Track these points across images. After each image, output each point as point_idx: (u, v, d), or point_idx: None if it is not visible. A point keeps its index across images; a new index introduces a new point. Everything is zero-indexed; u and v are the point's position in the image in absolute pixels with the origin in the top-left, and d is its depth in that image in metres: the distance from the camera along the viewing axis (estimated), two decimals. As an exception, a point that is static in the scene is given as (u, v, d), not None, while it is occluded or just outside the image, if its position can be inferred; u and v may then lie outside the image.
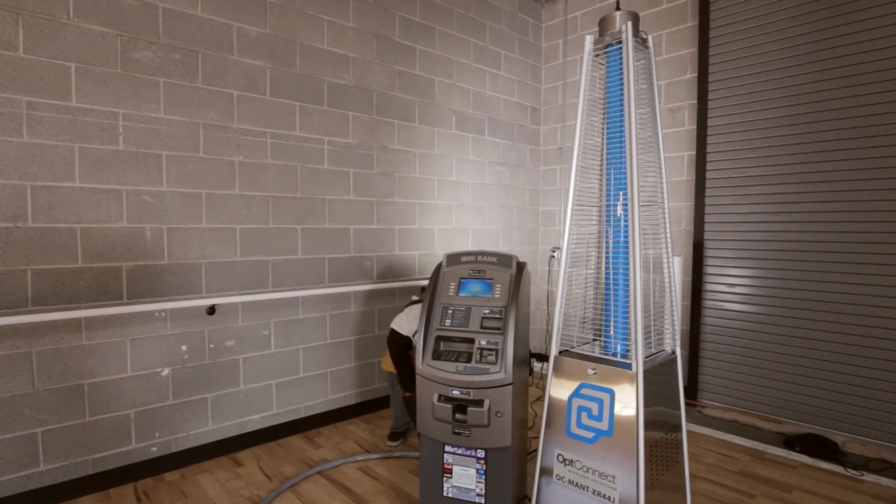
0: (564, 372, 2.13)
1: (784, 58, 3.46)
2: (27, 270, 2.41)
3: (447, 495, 2.20)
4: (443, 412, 2.14)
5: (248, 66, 3.06)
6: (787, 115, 3.46)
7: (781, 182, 3.49)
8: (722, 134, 3.77)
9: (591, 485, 2.01)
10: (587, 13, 4.68)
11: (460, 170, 4.33)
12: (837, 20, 3.22)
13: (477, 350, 2.16)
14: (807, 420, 3.42)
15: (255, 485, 2.74)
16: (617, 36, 2.04)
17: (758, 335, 3.63)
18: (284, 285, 3.27)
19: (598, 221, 2.30)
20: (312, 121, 3.36)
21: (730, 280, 3.77)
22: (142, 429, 2.77)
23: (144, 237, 2.73)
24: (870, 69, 3.11)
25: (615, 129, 2.11)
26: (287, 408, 3.33)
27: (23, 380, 2.42)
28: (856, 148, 3.18)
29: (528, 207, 5.01)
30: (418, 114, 3.98)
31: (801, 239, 3.42)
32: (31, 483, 2.46)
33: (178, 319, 2.86)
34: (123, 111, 2.64)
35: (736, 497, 2.68)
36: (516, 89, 4.81)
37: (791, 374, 3.48)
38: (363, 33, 3.60)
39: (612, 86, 2.11)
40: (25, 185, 2.39)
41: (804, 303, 3.41)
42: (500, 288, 2.27)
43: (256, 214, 3.13)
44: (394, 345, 2.93)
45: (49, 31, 2.43)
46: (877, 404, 3.13)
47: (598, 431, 2.01)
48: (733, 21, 3.69)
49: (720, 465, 3.03)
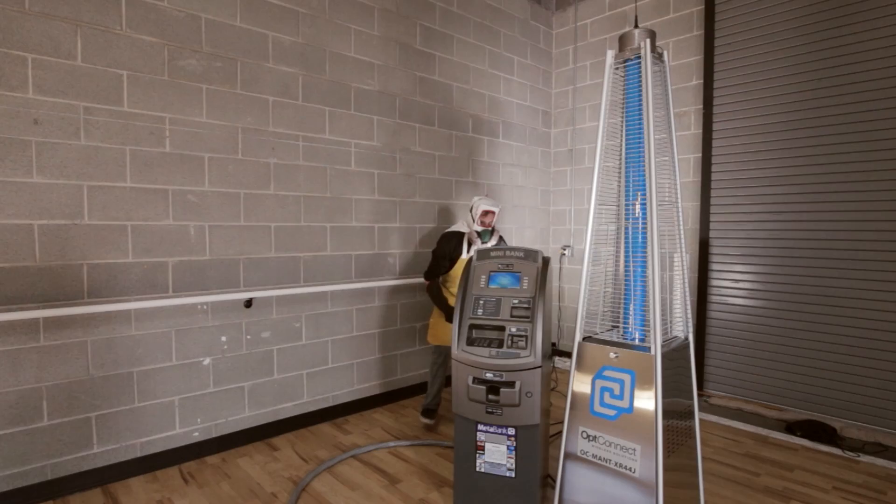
0: (588, 356, 2.31)
1: (786, 66, 3.66)
2: (83, 265, 2.58)
3: (480, 470, 2.38)
4: (477, 393, 2.32)
5: (282, 73, 3.25)
6: (788, 119, 3.66)
7: (783, 183, 3.69)
8: (727, 137, 3.97)
9: (614, 457, 2.19)
10: (596, 21, 4.87)
11: (476, 171, 4.52)
12: (837, 30, 3.42)
13: (508, 336, 2.34)
14: (807, 407, 3.62)
15: (292, 466, 2.92)
16: (636, 51, 2.22)
17: (761, 328, 3.82)
18: (315, 280, 3.45)
19: (617, 219, 2.48)
20: (340, 124, 3.54)
21: (734, 276, 3.97)
22: (185, 415, 2.95)
23: (188, 234, 2.91)
24: (867, 77, 3.31)
25: (634, 135, 2.29)
26: (316, 396, 3.51)
27: (79, 367, 2.59)
28: (854, 151, 3.38)
29: (539, 207, 5.20)
30: (438, 117, 4.17)
31: (802, 237, 3.61)
32: (85, 464, 2.63)
33: (219, 312, 3.04)
34: (170, 115, 2.82)
35: (742, 475, 2.87)
36: (528, 94, 5.01)
37: (792, 364, 3.67)
38: (387, 41, 3.79)
39: (631, 95, 2.29)
40: (82, 185, 2.57)
41: (804, 297, 3.61)
42: (528, 280, 2.45)
43: (289, 213, 3.31)
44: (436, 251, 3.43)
45: (104, 41, 2.60)
46: (873, 392, 3.33)
47: (620, 409, 2.20)
48: (737, 31, 3.89)
49: (727, 449, 3.22)
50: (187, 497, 2.59)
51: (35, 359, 2.46)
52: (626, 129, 2.35)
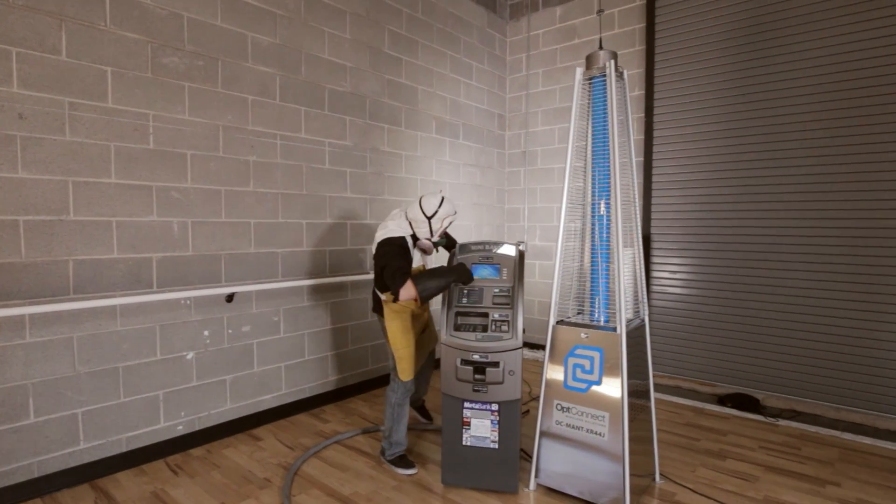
0: (561, 338, 2.62)
1: (718, 79, 4.16)
2: (69, 261, 2.57)
3: (466, 444, 2.63)
4: (465, 373, 2.56)
5: (261, 72, 3.32)
6: (720, 127, 4.16)
7: (716, 185, 4.20)
8: (666, 143, 4.44)
9: (585, 425, 2.51)
10: (548, 32, 5.24)
11: (439, 170, 4.75)
12: (761, 49, 3.95)
13: (492, 322, 2.60)
14: (735, 382, 4.14)
15: (279, 454, 3.03)
16: (602, 70, 2.54)
17: (695, 314, 4.32)
18: (292, 275, 3.55)
19: (583, 217, 2.79)
20: (315, 124, 3.66)
21: (672, 268, 4.45)
22: (169, 408, 2.98)
23: (172, 230, 2.94)
24: (788, 90, 3.85)
25: (599, 140, 2.61)
26: (294, 388, 3.61)
27: (65, 363, 2.58)
28: (776, 158, 3.91)
29: (495, 205, 5.51)
30: (404, 119, 4.36)
31: (731, 233, 4.13)
32: (72, 460, 2.62)
33: (201, 307, 3.09)
34: (153, 112, 2.85)
35: (685, 441, 3.29)
36: (486, 98, 5.30)
37: (722, 345, 4.19)
38: (358, 44, 3.93)
39: (597, 107, 2.61)
40: (67, 181, 2.56)
41: (733, 286, 4.13)
42: (507, 271, 2.72)
43: (268, 210, 3.40)
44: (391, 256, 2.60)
45: (88, 37, 2.60)
46: (788, 367, 3.88)
47: (590, 382, 2.52)
48: (675, 47, 4.36)
49: (670, 420, 3.65)
50: (181, 487, 2.65)
51: (21, 356, 2.44)
52: (592, 136, 2.67)
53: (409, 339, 2.84)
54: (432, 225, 2.74)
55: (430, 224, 2.74)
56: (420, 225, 2.75)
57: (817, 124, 3.71)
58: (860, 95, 3.53)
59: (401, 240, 2.69)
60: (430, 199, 2.75)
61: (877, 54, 3.47)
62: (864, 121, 3.53)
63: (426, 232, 2.76)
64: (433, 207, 2.73)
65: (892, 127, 3.42)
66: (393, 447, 2.86)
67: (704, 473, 2.85)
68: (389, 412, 2.84)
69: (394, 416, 2.83)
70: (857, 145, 3.56)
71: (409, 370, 2.83)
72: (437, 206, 2.74)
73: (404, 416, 2.87)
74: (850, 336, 3.61)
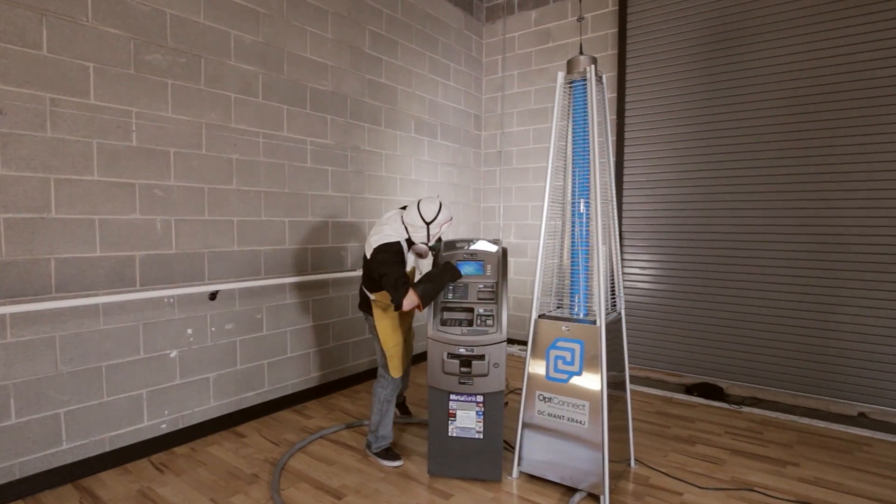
0: (542, 331, 2.73)
1: (686, 84, 4.36)
2: (51, 259, 2.54)
3: (452, 435, 2.72)
4: (451, 366, 2.65)
5: (244, 70, 3.33)
6: (688, 130, 4.37)
7: (684, 185, 4.40)
8: (636, 145, 4.63)
9: (567, 413, 2.63)
10: (523, 35, 5.37)
11: (418, 169, 4.82)
12: (727, 57, 4.16)
13: (477, 316, 2.69)
14: (701, 372, 4.36)
15: (265, 450, 3.05)
16: (583, 74, 2.67)
17: (664, 308, 4.53)
18: (275, 273, 3.56)
19: (563, 215, 2.91)
20: (298, 122, 3.68)
21: (642, 264, 4.64)
22: (153, 407, 2.97)
23: (155, 228, 2.93)
24: (752, 95, 4.07)
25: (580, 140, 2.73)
26: (277, 385, 3.63)
27: (47, 363, 2.55)
28: (739, 159, 4.13)
29: (471, 204, 5.62)
30: (384, 118, 4.41)
31: (698, 232, 4.35)
32: (55, 461, 2.59)
33: (185, 305, 3.08)
34: (136, 110, 2.83)
35: (657, 428, 3.47)
36: (463, 98, 5.39)
37: (689, 338, 4.41)
38: (339, 44, 3.97)
39: (577, 109, 2.73)
40: (49, 178, 2.53)
41: (699, 282, 4.34)
42: (490, 267, 2.81)
43: (251, 208, 3.41)
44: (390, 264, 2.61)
45: (70, 32, 2.57)
46: (750, 357, 4.12)
47: (571, 373, 2.64)
48: (646, 52, 4.55)
49: (641, 409, 3.83)
50: (168, 485, 2.65)
51: (2, 356, 2.40)
52: (573, 137, 2.79)
53: (398, 337, 2.90)
54: (430, 230, 2.76)
55: (428, 229, 2.75)
56: (418, 230, 2.75)
57: (778, 127, 3.94)
58: (819, 101, 3.78)
59: (397, 245, 2.70)
60: (429, 205, 2.76)
61: (835, 62, 3.72)
62: (821, 125, 3.77)
63: (423, 237, 2.77)
64: (432, 213, 2.74)
65: (847, 131, 3.68)
66: (379, 440, 2.93)
67: (675, 458, 3.02)
68: (378, 407, 2.90)
69: (382, 410, 2.90)
70: (815, 148, 3.80)
71: (398, 367, 2.90)
72: (437, 211, 2.75)
73: (391, 411, 2.94)
74: (806, 328, 3.86)
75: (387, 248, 2.67)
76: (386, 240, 2.70)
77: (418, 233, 2.76)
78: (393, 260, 2.63)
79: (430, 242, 2.82)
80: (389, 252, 2.66)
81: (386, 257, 2.64)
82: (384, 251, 2.66)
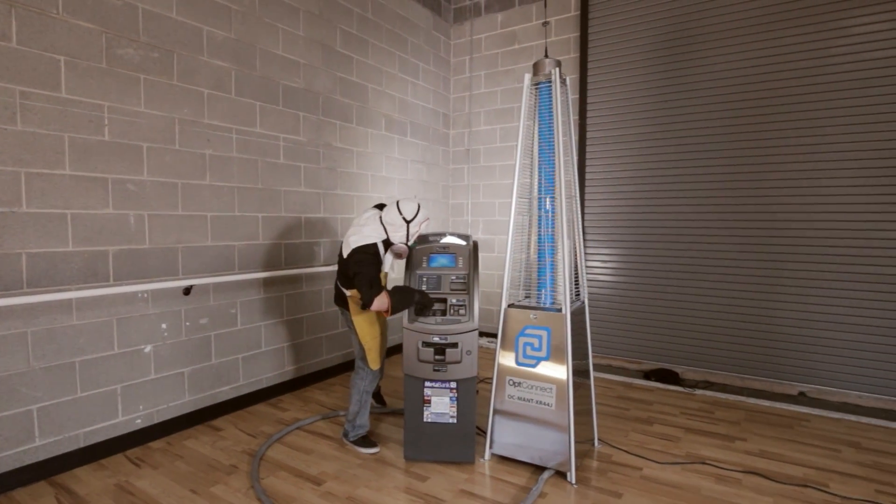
0: (512, 319, 2.88)
1: (642, 87, 4.61)
2: (22, 254, 2.52)
3: (427, 420, 2.83)
4: (426, 354, 2.76)
5: (217, 66, 3.34)
6: (645, 131, 4.62)
7: (641, 183, 4.65)
8: (598, 144, 4.86)
9: (535, 396, 2.79)
10: (489, 37, 5.53)
11: (389, 166, 4.91)
12: (680, 63, 4.43)
13: (450, 306, 2.82)
14: (658, 359, 4.63)
15: (242, 442, 3.10)
16: (548, 76, 2.83)
17: (623, 300, 4.77)
18: (249, 268, 3.59)
19: (529, 210, 3.07)
20: (270, 119, 3.71)
21: (603, 258, 4.88)
22: (127, 402, 2.96)
23: (128, 223, 2.92)
24: (704, 100, 4.35)
25: (545, 140, 2.89)
26: (252, 379, 3.66)
27: (19, 359, 2.53)
28: (691, 159, 4.40)
29: (440, 200, 5.74)
30: (356, 116, 4.48)
31: (655, 227, 4.60)
32: (27, 458, 2.57)
33: (159, 300, 3.09)
34: (108, 104, 2.82)
35: (618, 411, 3.68)
36: (431, 97, 5.51)
37: (647, 327, 4.66)
38: (311, 42, 4.02)
39: (543, 110, 2.89)
40: (20, 172, 2.50)
41: (655, 274, 4.61)
42: (462, 259, 2.95)
43: (224, 203, 3.43)
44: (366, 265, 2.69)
45: (40, 24, 2.55)
46: (702, 344, 4.40)
47: (539, 358, 2.80)
48: (606, 56, 4.77)
49: (604, 394, 4.05)
50: (146, 478, 2.67)
51: (-27, 351, 2.37)
52: (538, 136, 2.95)
53: (376, 330, 2.99)
54: (410, 229, 2.81)
55: (408, 228, 2.81)
56: (398, 229, 2.80)
57: (725, 129, 4.23)
58: (760, 104, 4.08)
59: (374, 247, 2.77)
60: (409, 205, 2.83)
61: (774, 69, 4.02)
62: (762, 126, 4.08)
63: (402, 236, 2.82)
64: (412, 212, 2.80)
65: (786, 133, 3.99)
66: (356, 429, 3.02)
67: (635, 437, 3.23)
68: (357, 398, 2.99)
69: (361, 401, 3.00)
70: (757, 147, 4.10)
71: (377, 360, 3.00)
72: (416, 211, 2.82)
73: (369, 401, 3.05)
74: (753, 316, 4.16)
75: (365, 249, 2.74)
76: (365, 241, 2.76)
77: (398, 232, 2.82)
78: (369, 261, 2.71)
79: (409, 242, 2.87)
80: (367, 253, 2.73)
81: (363, 258, 2.71)
82: (362, 252, 2.73)
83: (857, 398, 3.79)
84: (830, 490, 2.60)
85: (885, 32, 3.64)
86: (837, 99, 3.80)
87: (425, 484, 2.65)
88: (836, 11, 3.80)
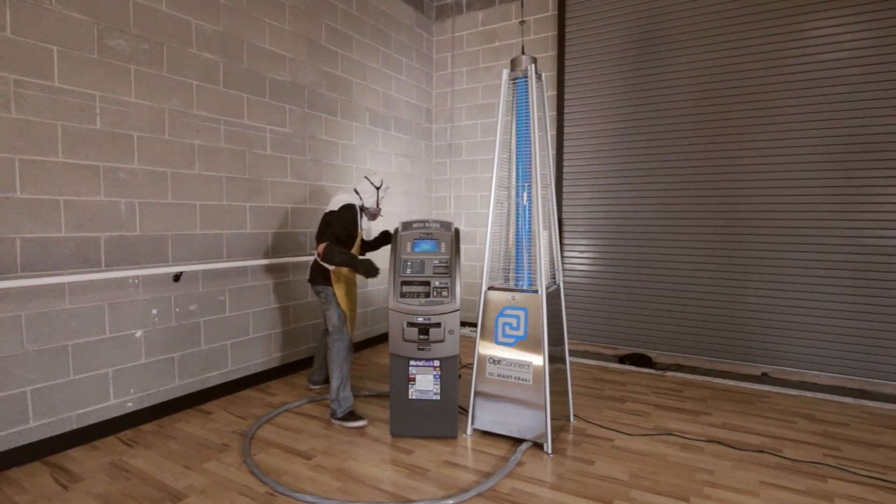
0: (492, 301, 3.04)
1: (617, 84, 4.81)
2: (16, 238, 2.59)
3: (412, 398, 2.98)
4: (411, 334, 2.91)
5: (205, 59, 3.43)
6: (619, 126, 4.82)
7: (616, 176, 4.86)
8: (574, 139, 5.05)
9: (513, 373, 2.96)
10: (471, 34, 5.68)
11: (373, 159, 5.03)
12: (653, 61, 4.64)
13: (433, 289, 2.97)
14: (632, 344, 4.84)
15: (232, 423, 3.20)
16: (525, 72, 2.99)
17: (600, 288, 4.98)
18: (237, 256, 3.69)
19: (508, 201, 3.23)
20: (257, 111, 3.80)
21: (580, 248, 5.07)
22: (119, 386, 3.04)
23: (120, 210, 3.00)
24: (677, 97, 4.57)
25: (522, 134, 3.06)
26: (240, 365, 3.76)
27: (13, 342, 2.60)
28: (663, 153, 4.62)
29: (423, 193, 5.88)
30: (340, 109, 4.59)
31: (630, 218, 4.81)
32: (21, 439, 2.64)
33: (149, 286, 3.17)
34: (100, 94, 2.89)
35: (593, 391, 3.88)
36: (414, 92, 5.64)
37: (622, 314, 4.87)
38: (297, 36, 4.11)
39: (520, 104, 3.05)
40: (14, 159, 2.57)
41: (630, 264, 4.82)
42: (445, 245, 3.09)
43: (213, 192, 3.51)
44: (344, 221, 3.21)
45: (34, 14, 2.62)
46: (673, 330, 4.63)
47: (517, 337, 2.97)
48: (582, 54, 4.97)
49: (580, 377, 4.24)
50: (139, 457, 2.76)
51: (-31, 333, 2.43)
52: (516, 130, 3.11)
53: (353, 302, 3.37)
54: (379, 194, 3.49)
55: (378, 193, 3.48)
56: (371, 195, 3.46)
57: (694, 124, 4.45)
58: (725, 101, 4.31)
59: (356, 208, 3.34)
60: (375, 177, 3.54)
61: (741, 68, 4.26)
62: (727, 122, 4.31)
63: (374, 201, 3.47)
64: (379, 181, 3.52)
65: (750, 128, 4.22)
66: (342, 403, 3.18)
67: (609, 413, 3.42)
68: (338, 367, 3.19)
69: (342, 370, 3.19)
70: (723, 142, 4.33)
71: (350, 328, 3.34)
72: (381, 181, 3.54)
73: (349, 373, 3.26)
74: (720, 303, 4.40)
75: (350, 207, 3.29)
76: (351, 201, 3.34)
77: (371, 198, 3.46)
78: (346, 218, 3.23)
79: (378, 205, 3.51)
80: (351, 211, 3.28)
81: (347, 216, 3.24)
82: (349, 209, 3.27)
83: (815, 377, 4.04)
84: (784, 455, 2.82)
85: (837, 36, 3.90)
86: (795, 97, 4.05)
87: (411, 457, 2.79)
88: (793, 16, 4.05)
